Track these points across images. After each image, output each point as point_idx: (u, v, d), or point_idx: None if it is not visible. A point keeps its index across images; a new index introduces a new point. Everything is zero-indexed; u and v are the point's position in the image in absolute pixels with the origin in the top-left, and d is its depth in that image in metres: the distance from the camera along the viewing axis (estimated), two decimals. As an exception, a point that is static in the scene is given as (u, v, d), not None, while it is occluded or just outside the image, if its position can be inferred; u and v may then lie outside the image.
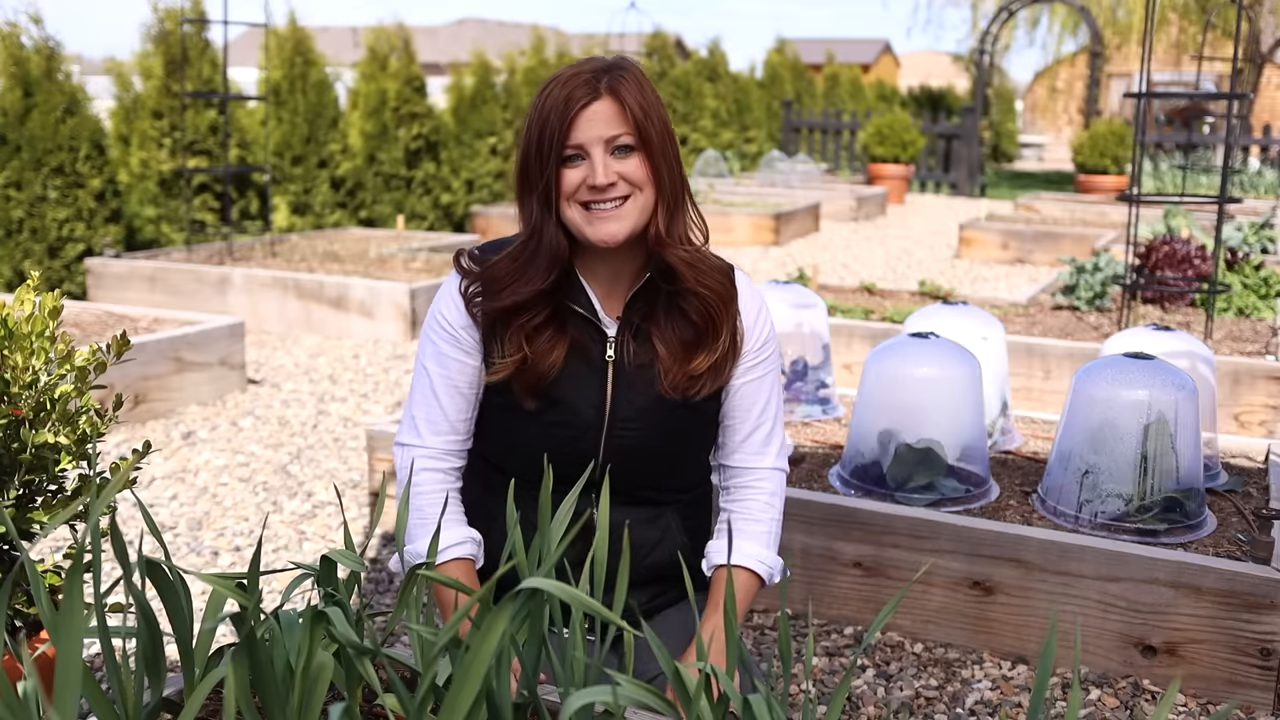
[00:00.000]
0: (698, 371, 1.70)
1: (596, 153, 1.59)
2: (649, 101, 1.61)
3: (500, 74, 11.29)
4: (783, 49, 19.03)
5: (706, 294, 1.67)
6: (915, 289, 6.85)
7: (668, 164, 1.63)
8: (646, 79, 1.64)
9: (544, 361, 1.66)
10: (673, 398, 1.70)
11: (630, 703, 1.14)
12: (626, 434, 1.71)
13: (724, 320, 1.71)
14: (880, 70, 36.59)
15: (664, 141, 1.62)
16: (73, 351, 1.91)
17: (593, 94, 1.58)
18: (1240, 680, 2.39)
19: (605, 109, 1.58)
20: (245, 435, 4.39)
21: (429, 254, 7.43)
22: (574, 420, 1.70)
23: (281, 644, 1.18)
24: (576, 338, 1.69)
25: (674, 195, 1.65)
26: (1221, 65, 18.71)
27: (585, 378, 1.70)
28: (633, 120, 1.59)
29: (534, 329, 1.66)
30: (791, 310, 3.59)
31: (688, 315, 1.69)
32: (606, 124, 1.58)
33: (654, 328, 1.70)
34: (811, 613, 2.76)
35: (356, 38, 12.07)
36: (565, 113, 1.57)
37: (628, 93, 1.59)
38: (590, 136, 1.58)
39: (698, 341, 1.70)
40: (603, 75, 1.60)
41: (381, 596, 2.93)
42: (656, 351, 1.70)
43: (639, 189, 1.61)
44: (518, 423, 1.72)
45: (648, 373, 1.70)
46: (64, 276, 7.14)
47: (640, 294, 1.70)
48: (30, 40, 7.16)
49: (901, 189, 15.14)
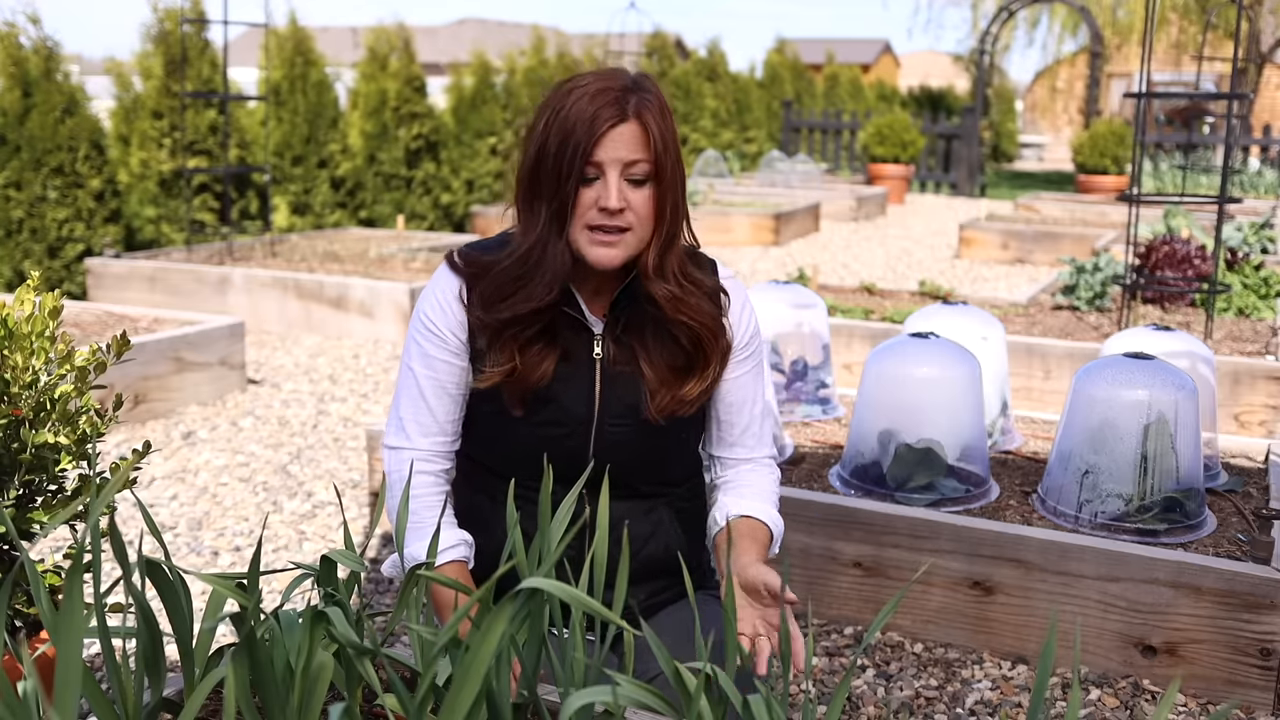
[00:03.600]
0: (688, 398, 1.70)
1: (612, 176, 1.58)
2: (668, 131, 1.61)
3: (500, 74, 11.29)
4: (783, 49, 19.03)
5: (695, 325, 1.67)
6: (915, 289, 6.86)
7: (674, 197, 1.63)
8: (666, 103, 1.64)
9: (533, 374, 1.66)
10: (658, 421, 1.70)
11: (630, 703, 1.14)
12: (617, 430, 1.71)
13: (714, 348, 1.71)
14: (880, 70, 36.60)
15: (675, 173, 1.62)
16: (73, 351, 1.91)
17: (620, 116, 1.57)
18: (1240, 680, 2.39)
19: (630, 132, 1.57)
20: (245, 435, 4.39)
21: (429, 254, 7.43)
22: (564, 418, 1.70)
23: (281, 644, 1.18)
24: (565, 341, 1.69)
25: (673, 228, 1.65)
26: (1221, 65, 18.72)
27: (574, 376, 1.70)
28: (653, 150, 1.58)
29: (526, 340, 1.66)
30: (791, 310, 3.59)
31: (677, 340, 1.69)
32: (628, 148, 1.57)
33: (640, 347, 1.70)
34: (811, 613, 2.75)
35: (356, 38, 12.07)
36: (591, 130, 1.56)
37: (652, 120, 1.58)
38: (610, 157, 1.57)
39: (688, 368, 1.70)
40: (630, 96, 1.58)
41: (381, 596, 2.93)
42: (642, 371, 1.69)
43: (642, 223, 1.61)
44: (506, 422, 1.72)
45: (633, 376, 1.70)
46: (64, 276, 7.14)
47: (622, 297, 1.70)
48: (29, 40, 7.17)
49: (901, 189, 15.15)
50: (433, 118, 10.30)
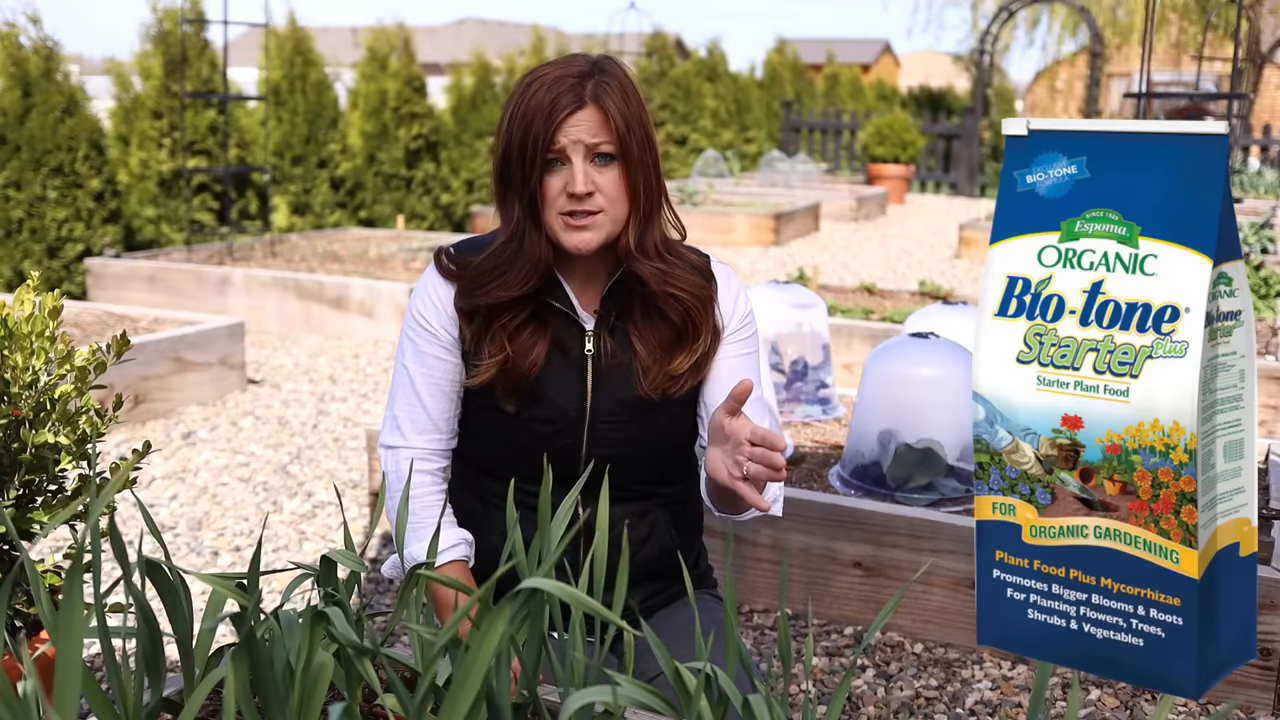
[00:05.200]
0: (678, 371, 1.70)
1: (577, 160, 1.59)
2: (632, 110, 1.61)
3: (500, 74, 11.29)
4: (783, 49, 19.03)
5: (683, 295, 1.68)
6: (915, 289, 6.85)
7: (645, 175, 1.63)
8: (631, 84, 1.64)
9: (525, 360, 1.67)
10: (651, 397, 1.70)
11: (630, 703, 1.14)
12: (609, 428, 1.71)
13: (703, 320, 1.71)
14: (880, 70, 36.59)
15: (644, 152, 1.62)
16: (73, 351, 1.91)
17: (577, 103, 1.58)
18: (1240, 680, 2.39)
19: (588, 116, 1.59)
20: (245, 435, 4.39)
21: (429, 254, 7.42)
22: (556, 415, 1.70)
23: (281, 644, 1.18)
24: (556, 334, 1.69)
25: (649, 206, 1.65)
26: (1221, 65, 18.71)
27: (565, 372, 1.70)
28: (615, 130, 1.59)
29: (515, 328, 1.67)
30: (791, 310, 3.59)
31: (666, 316, 1.69)
32: (589, 131, 1.59)
33: (631, 326, 1.70)
34: (811, 613, 2.76)
35: (356, 38, 12.08)
36: (550, 120, 1.58)
37: (611, 102, 1.59)
38: (571, 140, 1.58)
39: (677, 342, 1.70)
40: (587, 81, 1.60)
41: (381, 596, 2.93)
42: (635, 350, 1.70)
43: (614, 203, 1.61)
44: (499, 421, 1.72)
45: (626, 369, 1.70)
46: (64, 276, 7.14)
47: (615, 290, 1.70)
48: (29, 40, 7.17)
49: (901, 189, 15.14)
50: (432, 118, 10.30)
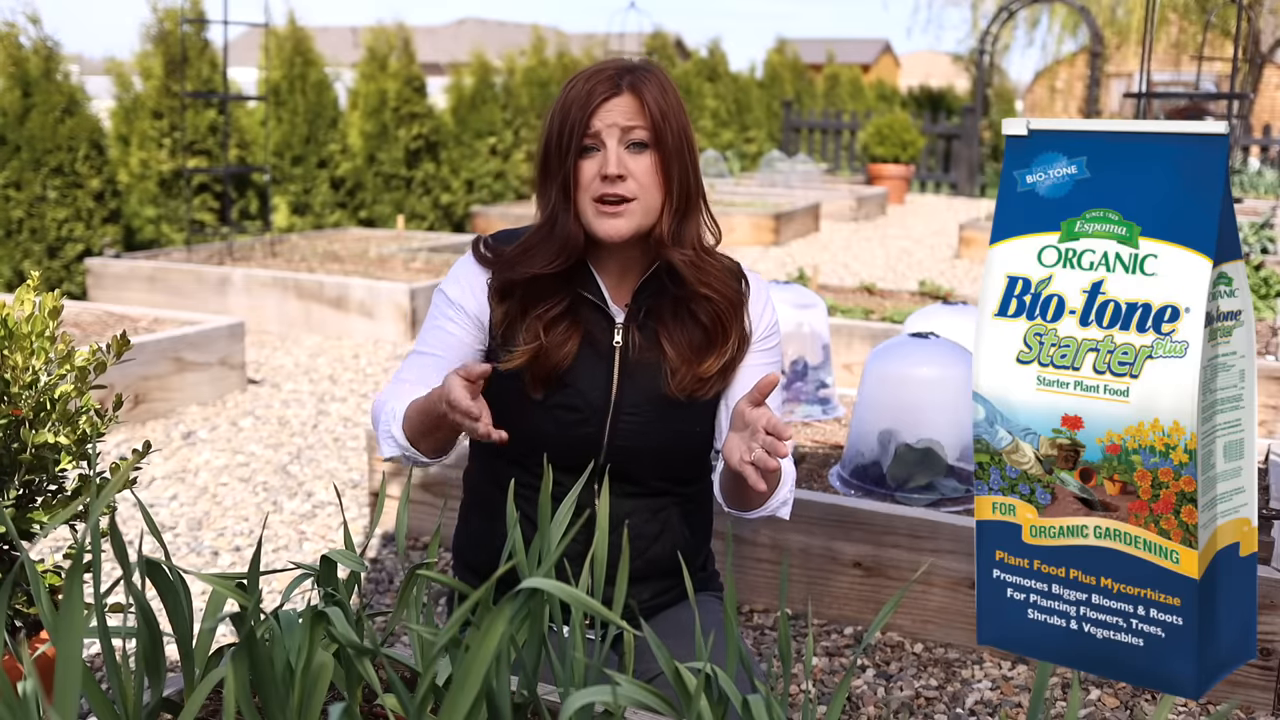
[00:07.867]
0: (708, 374, 1.72)
1: (610, 143, 1.62)
2: (669, 104, 1.64)
3: (500, 74, 11.29)
4: (783, 49, 19.03)
5: (715, 297, 1.70)
6: (915, 289, 6.85)
7: (681, 167, 1.65)
8: (670, 83, 1.68)
9: (558, 352, 1.68)
10: (677, 397, 1.71)
11: (630, 703, 1.14)
12: (632, 421, 1.72)
13: (733, 323, 1.73)
14: (880, 70, 36.58)
15: (680, 144, 1.65)
16: (73, 351, 1.91)
17: (614, 89, 1.63)
18: (1240, 680, 2.39)
19: (624, 103, 1.62)
20: (245, 435, 4.39)
21: (429, 254, 7.43)
22: (581, 404, 1.71)
23: (281, 644, 1.18)
24: (587, 325, 1.70)
25: (685, 200, 1.67)
26: (1221, 65, 18.71)
27: (593, 363, 1.71)
28: (650, 118, 1.62)
29: (551, 319, 1.69)
30: (792, 310, 3.59)
31: (697, 318, 1.71)
32: (624, 115, 1.62)
33: (661, 328, 1.72)
34: (811, 613, 2.76)
35: (356, 38, 12.07)
36: (586, 105, 1.62)
37: (648, 92, 1.63)
38: (605, 124, 1.62)
39: (708, 344, 1.72)
40: (626, 74, 1.64)
41: (381, 596, 2.93)
42: (664, 351, 1.71)
43: (646, 191, 1.63)
44: (525, 404, 1.72)
45: (653, 367, 1.72)
46: (64, 276, 7.14)
47: (647, 285, 1.71)
48: (29, 40, 7.16)
49: (901, 189, 15.14)
50: (432, 118, 10.30)
